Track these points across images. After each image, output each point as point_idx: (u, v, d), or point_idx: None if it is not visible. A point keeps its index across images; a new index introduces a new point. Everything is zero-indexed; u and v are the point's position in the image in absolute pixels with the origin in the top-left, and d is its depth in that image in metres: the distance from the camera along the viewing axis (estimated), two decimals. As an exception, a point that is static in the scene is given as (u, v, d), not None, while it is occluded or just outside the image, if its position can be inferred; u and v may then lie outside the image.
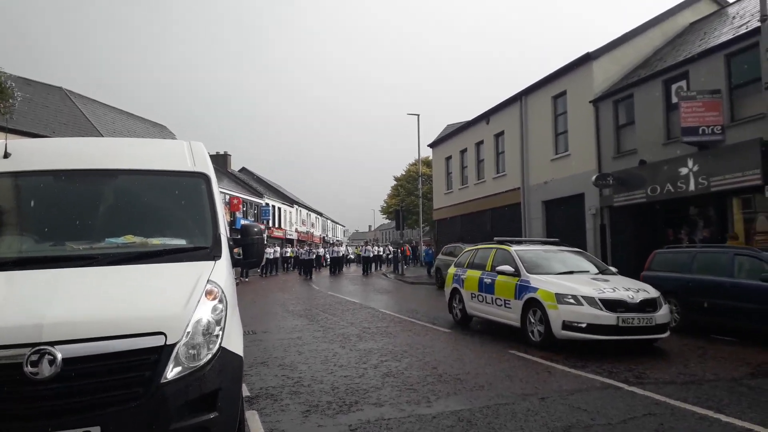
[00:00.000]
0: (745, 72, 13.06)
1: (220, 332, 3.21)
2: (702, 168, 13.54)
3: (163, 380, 2.92)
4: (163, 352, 2.95)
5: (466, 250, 11.92)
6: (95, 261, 3.49)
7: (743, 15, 15.21)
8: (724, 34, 14.49)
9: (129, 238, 3.78)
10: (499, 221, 24.04)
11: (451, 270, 11.51)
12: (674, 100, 14.80)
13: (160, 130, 34.99)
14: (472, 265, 10.66)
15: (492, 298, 9.48)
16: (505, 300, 9.06)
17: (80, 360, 2.81)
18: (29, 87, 22.51)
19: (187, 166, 4.30)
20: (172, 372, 2.95)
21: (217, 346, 3.16)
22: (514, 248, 9.58)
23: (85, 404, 2.80)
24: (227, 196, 38.57)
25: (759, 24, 11.86)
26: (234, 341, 3.37)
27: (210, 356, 3.10)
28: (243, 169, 56.86)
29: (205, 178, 4.25)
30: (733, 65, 13.46)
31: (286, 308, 14.25)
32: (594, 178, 16.76)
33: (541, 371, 6.69)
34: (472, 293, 10.24)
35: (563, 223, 19.48)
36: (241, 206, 39.83)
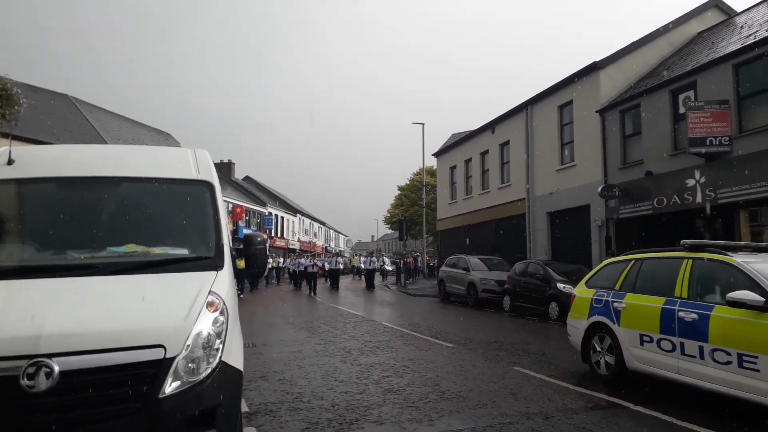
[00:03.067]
0: (754, 82, 12.96)
1: (221, 346, 3.13)
2: (709, 180, 13.39)
3: (161, 395, 2.84)
4: (162, 366, 2.87)
5: (613, 260, 7.69)
6: (96, 270, 3.43)
7: (751, 24, 15.11)
8: (732, 43, 14.38)
9: (131, 247, 3.72)
10: (503, 232, 23.89)
11: (584, 292, 7.44)
12: (681, 110, 14.69)
13: (165, 138, 35.11)
14: (633, 287, 6.68)
15: (700, 348, 5.48)
16: (740, 355, 5.07)
17: (77, 373, 2.74)
18: (35, 94, 22.56)
19: (191, 174, 4.24)
20: (170, 386, 2.87)
21: (217, 360, 3.07)
22: (742, 259, 5.58)
23: (80, 419, 2.72)
24: (230, 205, 38.62)
25: (767, 33, 11.76)
26: (234, 355, 3.29)
27: (210, 370, 3.02)
28: (247, 178, 56.95)
29: (209, 186, 4.19)
30: (742, 75, 13.34)
31: (287, 320, 14.10)
32: (600, 189, 16.64)
33: (546, 389, 6.51)
34: (643, 335, 6.23)
35: (568, 234, 19.31)
36: (243, 215, 39.83)
